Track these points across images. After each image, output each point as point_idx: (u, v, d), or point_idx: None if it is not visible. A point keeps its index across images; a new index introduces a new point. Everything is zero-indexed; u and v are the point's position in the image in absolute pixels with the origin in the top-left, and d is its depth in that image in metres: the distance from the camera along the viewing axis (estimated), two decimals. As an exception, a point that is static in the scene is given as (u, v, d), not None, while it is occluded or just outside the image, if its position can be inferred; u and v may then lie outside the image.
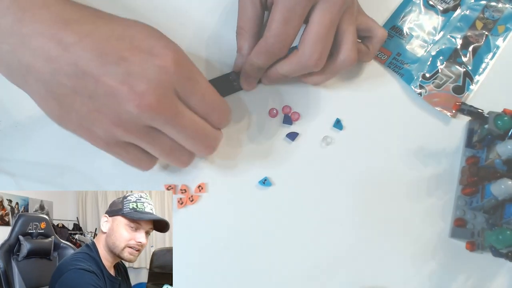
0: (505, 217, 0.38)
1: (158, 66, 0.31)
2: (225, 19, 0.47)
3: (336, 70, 0.41)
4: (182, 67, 0.32)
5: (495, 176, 0.39)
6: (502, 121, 0.39)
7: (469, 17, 0.48)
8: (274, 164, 0.43)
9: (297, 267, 0.40)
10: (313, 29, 0.38)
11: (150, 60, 0.31)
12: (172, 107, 0.32)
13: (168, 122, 0.32)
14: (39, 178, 0.41)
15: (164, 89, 0.31)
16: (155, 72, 0.31)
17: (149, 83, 0.30)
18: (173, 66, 0.31)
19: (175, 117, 0.32)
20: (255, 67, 0.41)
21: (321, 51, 0.38)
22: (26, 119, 0.43)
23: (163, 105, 0.31)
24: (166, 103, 0.31)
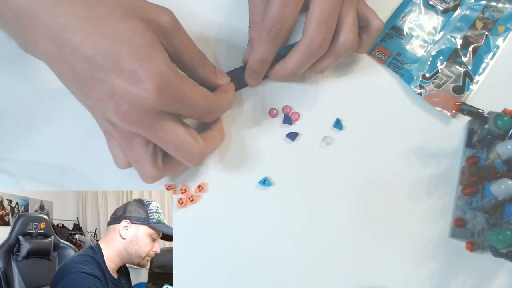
0: (505, 217, 0.38)
1: (138, 95, 0.31)
2: (230, 17, 0.47)
3: (337, 53, 0.41)
4: (165, 93, 0.32)
5: (495, 176, 0.39)
6: (502, 121, 0.39)
7: (469, 17, 0.48)
8: (274, 164, 0.43)
9: (297, 267, 0.40)
10: (315, 13, 0.38)
11: (132, 85, 0.31)
12: (151, 125, 0.33)
13: (149, 136, 0.34)
14: (39, 178, 0.41)
15: (144, 111, 0.32)
16: (136, 97, 0.32)
17: (130, 105, 0.32)
18: (154, 94, 0.32)
19: (156, 133, 0.34)
20: (258, 60, 0.41)
21: (324, 31, 0.38)
22: (26, 119, 0.43)
23: (143, 123, 0.33)
24: (146, 122, 0.33)
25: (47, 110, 0.43)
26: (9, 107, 0.43)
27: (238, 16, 0.46)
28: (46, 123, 0.43)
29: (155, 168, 0.37)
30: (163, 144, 0.35)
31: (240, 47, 0.45)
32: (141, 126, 0.33)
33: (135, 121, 0.33)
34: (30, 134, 0.42)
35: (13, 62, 0.44)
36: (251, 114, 0.44)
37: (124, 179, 0.41)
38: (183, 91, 0.34)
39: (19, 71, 0.44)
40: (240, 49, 0.45)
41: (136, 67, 0.31)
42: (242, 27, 0.46)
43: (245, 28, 0.45)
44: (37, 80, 0.44)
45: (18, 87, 0.44)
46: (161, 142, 0.35)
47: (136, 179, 0.41)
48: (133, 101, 0.32)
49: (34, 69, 0.44)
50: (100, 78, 0.31)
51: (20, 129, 0.42)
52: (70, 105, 0.42)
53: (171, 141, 0.35)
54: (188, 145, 0.36)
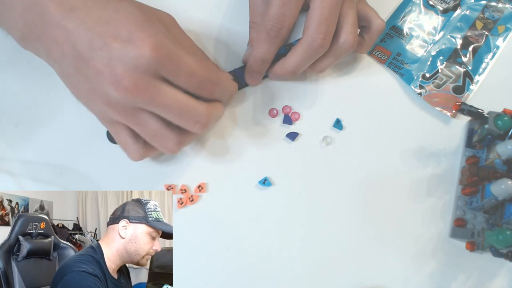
0: (505, 217, 0.38)
1: (134, 52, 0.32)
2: (230, 18, 0.47)
3: (337, 53, 0.41)
4: (160, 51, 0.32)
5: (495, 176, 0.39)
6: (502, 121, 0.39)
7: (469, 17, 0.48)
8: (274, 164, 0.43)
9: (296, 266, 0.40)
10: (315, 12, 0.38)
11: (128, 46, 0.32)
12: (149, 89, 0.33)
13: (148, 103, 0.33)
14: (39, 178, 0.41)
15: (140, 73, 0.32)
16: (132, 57, 0.32)
17: (126, 67, 0.32)
18: (149, 51, 0.32)
19: (155, 97, 0.33)
20: (259, 59, 0.41)
21: (325, 31, 0.38)
22: (26, 119, 0.43)
23: (139, 87, 0.32)
24: (142, 85, 0.32)
25: (47, 110, 0.43)
26: (9, 107, 0.43)
27: (238, 17, 0.46)
28: (46, 123, 0.43)
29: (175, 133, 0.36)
30: (164, 110, 0.34)
31: (240, 47, 0.45)
32: (137, 91, 0.32)
33: (131, 86, 0.32)
34: (30, 134, 0.42)
35: (13, 62, 0.44)
36: (251, 114, 0.44)
37: (124, 179, 0.41)
38: (179, 54, 0.34)
39: (19, 71, 0.44)
40: (240, 49, 0.45)
41: (133, 28, 0.32)
42: (242, 28, 0.46)
43: (245, 28, 0.45)
44: (37, 80, 0.44)
45: (18, 87, 0.44)
46: (161, 107, 0.34)
47: (136, 179, 0.41)
48: (128, 62, 0.32)
49: (34, 69, 0.44)
50: (98, 46, 0.32)
51: (20, 129, 0.42)
52: (70, 105, 0.43)
53: (173, 105, 0.34)
54: (192, 106, 0.35)
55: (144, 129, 0.35)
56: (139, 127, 0.35)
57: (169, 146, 0.36)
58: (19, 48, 0.36)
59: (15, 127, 0.43)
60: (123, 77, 0.32)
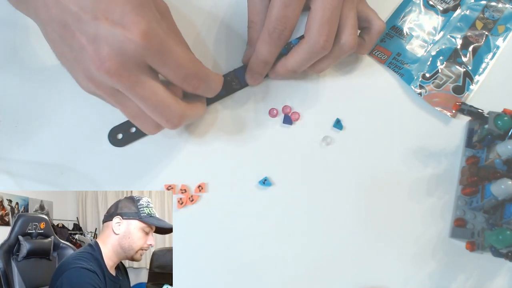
0: (505, 217, 0.38)
1: (123, 36, 0.31)
2: (229, 18, 0.47)
3: (337, 54, 0.41)
4: (150, 40, 0.32)
5: (495, 176, 0.39)
6: (502, 121, 0.39)
7: (469, 17, 0.48)
8: (274, 164, 0.43)
9: (297, 267, 0.40)
10: (317, 14, 0.38)
11: (118, 28, 0.31)
12: (130, 76, 0.32)
13: (126, 90, 0.33)
14: (39, 178, 0.41)
15: (125, 58, 0.31)
16: (119, 41, 0.31)
17: (111, 48, 0.31)
18: (139, 38, 0.31)
19: (134, 86, 0.33)
20: (260, 60, 0.41)
21: (327, 33, 0.38)
22: (26, 119, 0.43)
23: (120, 73, 0.32)
24: (124, 71, 0.32)
25: (47, 110, 0.43)
26: (9, 107, 0.43)
27: (237, 17, 0.46)
28: (46, 123, 0.43)
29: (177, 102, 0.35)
30: (140, 100, 0.34)
31: (239, 47, 0.45)
32: (118, 77, 0.32)
33: (113, 70, 0.31)
34: (30, 134, 0.42)
35: (13, 62, 0.44)
36: (251, 114, 0.44)
37: (124, 179, 0.41)
38: (169, 44, 0.33)
39: (19, 71, 0.44)
40: (239, 49, 0.45)
41: (127, 10, 0.31)
42: (241, 28, 0.46)
43: (244, 28, 0.45)
44: (37, 80, 0.44)
45: (18, 87, 0.44)
46: (138, 98, 0.33)
47: (136, 179, 0.41)
48: (115, 44, 0.31)
49: (34, 69, 0.44)
50: (87, 20, 0.31)
51: (20, 129, 0.42)
52: (70, 106, 0.43)
53: (149, 98, 0.33)
54: (167, 104, 0.35)
55: (124, 108, 0.35)
56: (119, 106, 0.35)
57: (148, 129, 0.37)
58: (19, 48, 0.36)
59: (15, 127, 0.43)
60: (106, 59, 0.31)
